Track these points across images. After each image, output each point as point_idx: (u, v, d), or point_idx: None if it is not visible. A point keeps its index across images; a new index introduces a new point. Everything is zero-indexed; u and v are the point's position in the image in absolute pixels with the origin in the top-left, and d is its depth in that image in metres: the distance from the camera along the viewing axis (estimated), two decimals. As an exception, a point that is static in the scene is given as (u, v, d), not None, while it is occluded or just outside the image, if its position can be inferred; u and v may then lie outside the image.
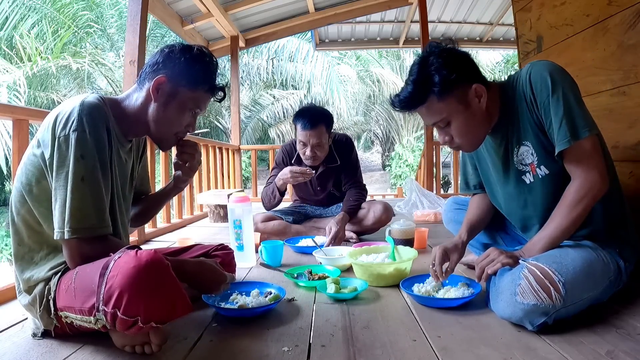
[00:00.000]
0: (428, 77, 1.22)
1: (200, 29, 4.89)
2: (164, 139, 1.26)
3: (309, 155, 2.34)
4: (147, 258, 0.96)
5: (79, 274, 1.05)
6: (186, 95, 1.21)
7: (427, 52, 1.26)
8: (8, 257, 8.94)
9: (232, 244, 1.83)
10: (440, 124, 1.28)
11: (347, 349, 1.08)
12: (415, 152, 13.35)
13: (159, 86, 1.18)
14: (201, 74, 1.21)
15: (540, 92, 1.21)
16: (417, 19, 5.16)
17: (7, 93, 8.66)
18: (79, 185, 1.04)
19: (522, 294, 1.12)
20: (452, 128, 1.28)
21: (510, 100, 1.30)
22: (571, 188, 1.22)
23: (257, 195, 5.44)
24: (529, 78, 1.23)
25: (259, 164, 14.61)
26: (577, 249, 1.24)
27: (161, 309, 0.98)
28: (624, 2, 1.72)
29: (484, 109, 1.27)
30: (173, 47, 1.21)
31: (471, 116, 1.26)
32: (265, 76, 14.45)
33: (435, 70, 1.22)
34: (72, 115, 1.06)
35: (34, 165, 1.11)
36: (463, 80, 1.24)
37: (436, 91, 1.22)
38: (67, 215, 1.03)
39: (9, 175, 9.59)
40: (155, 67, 1.20)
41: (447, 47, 1.26)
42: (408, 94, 1.25)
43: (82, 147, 1.05)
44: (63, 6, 10.23)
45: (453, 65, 1.23)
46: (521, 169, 1.33)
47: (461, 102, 1.25)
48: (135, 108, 1.22)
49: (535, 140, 1.27)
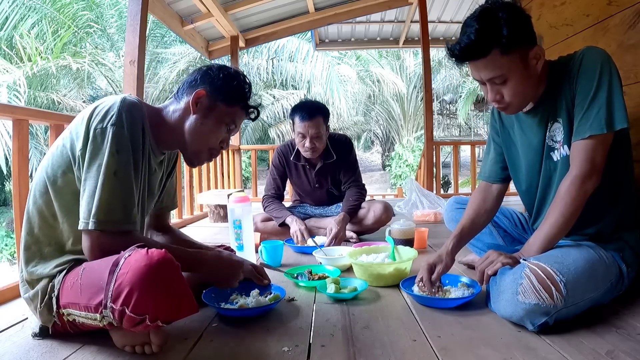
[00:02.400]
0: (496, 28, 1.15)
1: (200, 29, 4.89)
2: (197, 151, 1.28)
3: (308, 146, 2.37)
4: (159, 257, 0.97)
5: (86, 270, 1.05)
6: (223, 110, 1.25)
7: (491, 4, 1.21)
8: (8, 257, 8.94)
9: (232, 244, 1.82)
10: (496, 79, 1.23)
11: (347, 349, 1.08)
12: (415, 152, 13.35)
13: (198, 99, 1.22)
14: (238, 91, 1.27)
15: (585, 74, 1.21)
16: (417, 19, 5.15)
17: (7, 93, 8.66)
18: (111, 179, 1.05)
19: (524, 293, 1.12)
20: (508, 86, 1.23)
21: (557, 78, 1.29)
22: (564, 182, 1.23)
23: (257, 195, 5.45)
24: (580, 60, 1.23)
25: (259, 164, 14.62)
26: (579, 249, 1.24)
27: (169, 308, 0.98)
28: (624, 2, 1.72)
29: (539, 73, 1.26)
30: (211, 66, 1.29)
31: (528, 77, 1.23)
32: (265, 76, 14.45)
33: (504, 23, 1.15)
34: (112, 109, 1.08)
35: (62, 157, 1.12)
36: (527, 39, 1.21)
37: (503, 44, 1.16)
38: (95, 207, 1.04)
39: (9, 175, 9.59)
40: (194, 84, 1.24)
41: (512, 3, 1.22)
42: (471, 42, 1.17)
43: (118, 142, 1.07)
44: (63, 6, 10.22)
45: (520, 22, 1.19)
46: (551, 145, 1.33)
47: (522, 61, 1.21)
48: (172, 120, 1.25)
49: (566, 119, 1.27)
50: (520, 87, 1.24)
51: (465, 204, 1.78)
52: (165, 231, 1.49)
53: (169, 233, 1.49)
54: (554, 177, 1.35)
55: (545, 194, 1.39)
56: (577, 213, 1.22)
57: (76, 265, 1.10)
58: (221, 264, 1.33)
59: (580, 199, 1.21)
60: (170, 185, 1.47)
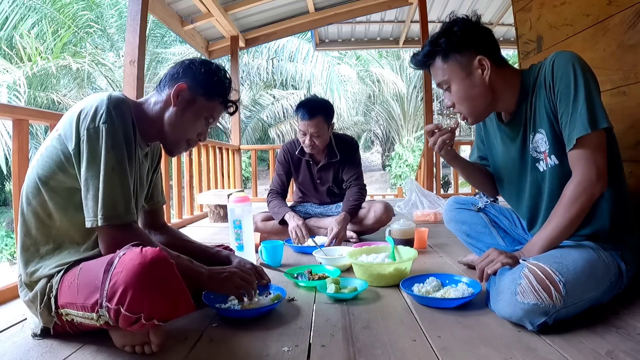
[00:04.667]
0: (438, 38, 1.29)
1: (200, 29, 4.89)
2: (175, 143, 1.30)
3: (307, 143, 2.42)
4: (153, 255, 0.97)
5: (83, 270, 1.06)
6: (203, 104, 1.28)
7: (454, 19, 1.32)
8: (8, 257, 8.95)
9: (232, 244, 1.82)
10: (443, 84, 1.33)
11: (347, 349, 1.08)
12: (415, 152, 13.34)
13: (179, 92, 1.25)
14: (218, 86, 1.29)
15: (561, 80, 1.22)
16: (417, 19, 5.16)
17: (7, 93, 8.66)
18: (110, 174, 1.08)
19: (523, 293, 1.12)
20: (452, 92, 1.32)
21: (531, 87, 1.31)
22: (570, 185, 1.23)
23: (257, 196, 5.45)
24: (552, 65, 1.24)
25: (259, 164, 14.62)
26: (578, 249, 1.24)
27: (164, 306, 0.98)
28: (624, 2, 1.71)
29: (486, 83, 1.29)
30: (193, 60, 1.30)
31: (471, 85, 1.30)
32: (265, 76, 14.46)
33: (444, 34, 1.28)
34: (100, 108, 1.10)
35: (52, 158, 1.13)
36: (468, 48, 1.28)
37: (440, 52, 1.29)
38: (100, 204, 1.07)
39: (9, 175, 9.59)
40: (176, 76, 1.26)
41: (466, 18, 1.31)
42: (423, 51, 1.34)
43: (112, 138, 1.09)
44: (63, 6, 10.23)
45: (463, 33, 1.28)
46: (535, 156, 1.34)
47: (463, 69, 1.29)
48: (154, 112, 1.27)
49: (549, 129, 1.28)
50: (463, 93, 1.31)
51: (465, 204, 1.78)
52: (161, 230, 1.49)
53: (166, 232, 1.49)
54: (543, 187, 1.36)
55: (537, 204, 1.40)
56: (582, 217, 1.23)
57: (74, 265, 1.10)
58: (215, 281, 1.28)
59: (585, 203, 1.21)
60: (157, 179, 1.49)
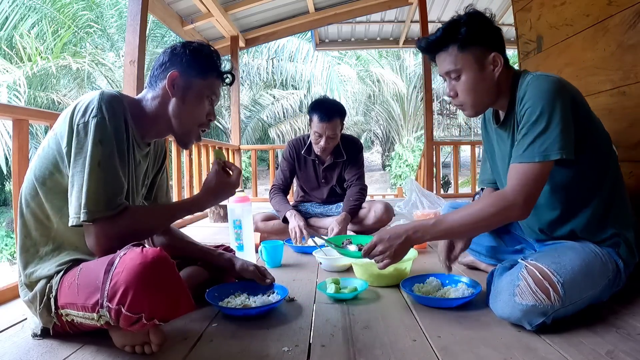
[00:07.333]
0: (456, 27, 1.28)
1: (200, 29, 4.89)
2: (187, 132, 1.28)
3: (323, 145, 2.44)
4: (153, 255, 0.96)
5: (83, 270, 1.05)
6: (200, 84, 1.25)
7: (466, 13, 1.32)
8: (8, 257, 8.94)
9: (232, 244, 1.83)
10: (452, 73, 1.32)
11: (347, 349, 1.08)
12: (415, 152, 13.35)
13: (173, 81, 1.22)
14: (208, 62, 1.26)
15: (527, 104, 1.21)
16: (417, 19, 5.16)
17: (7, 93, 8.66)
18: (95, 170, 1.05)
19: (521, 294, 1.13)
20: (461, 82, 1.31)
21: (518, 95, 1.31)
22: (495, 195, 1.22)
23: (257, 196, 5.45)
24: (527, 87, 1.23)
25: (259, 164, 14.61)
26: (574, 247, 1.24)
27: (165, 306, 0.98)
28: (624, 2, 1.72)
29: (495, 80, 1.30)
30: (175, 46, 1.27)
31: (481, 79, 1.30)
32: (265, 76, 14.45)
33: (465, 24, 1.28)
34: (92, 103, 1.09)
35: (48, 158, 1.12)
36: (486, 43, 1.29)
37: (459, 39, 1.28)
38: (84, 200, 1.04)
39: (9, 175, 9.59)
40: (164, 67, 1.24)
41: (480, 12, 1.32)
42: (434, 37, 1.32)
43: (101, 133, 1.07)
44: (63, 6, 10.22)
45: (481, 26, 1.29)
46: None
47: (477, 62, 1.29)
48: (153, 108, 1.25)
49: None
50: (472, 85, 1.30)
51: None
52: (164, 231, 1.48)
53: (168, 233, 1.48)
54: None
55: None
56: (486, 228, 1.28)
57: (74, 266, 1.10)
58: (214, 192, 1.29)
59: (497, 220, 1.22)
60: (162, 180, 1.46)
